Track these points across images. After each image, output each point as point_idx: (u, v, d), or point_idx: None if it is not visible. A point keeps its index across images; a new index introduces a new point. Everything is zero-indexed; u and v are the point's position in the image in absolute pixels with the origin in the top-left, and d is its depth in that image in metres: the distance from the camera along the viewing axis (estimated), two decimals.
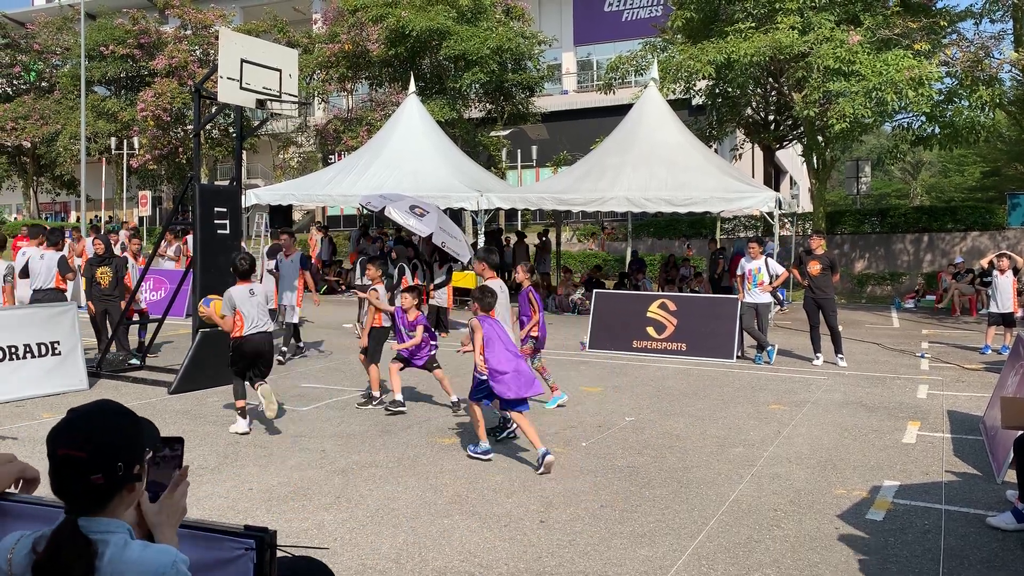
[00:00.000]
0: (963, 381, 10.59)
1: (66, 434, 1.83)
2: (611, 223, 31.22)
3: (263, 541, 2.26)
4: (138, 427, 1.92)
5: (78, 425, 1.84)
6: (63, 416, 1.91)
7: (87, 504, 1.82)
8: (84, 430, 1.83)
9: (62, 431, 1.84)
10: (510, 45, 25.85)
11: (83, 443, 1.81)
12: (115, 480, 1.82)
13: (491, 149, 29.87)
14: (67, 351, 9.52)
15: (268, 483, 6.13)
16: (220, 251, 10.09)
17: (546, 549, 4.92)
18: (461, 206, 18.31)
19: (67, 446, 1.81)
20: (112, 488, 1.82)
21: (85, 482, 1.80)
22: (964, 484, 6.28)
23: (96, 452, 1.81)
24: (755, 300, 11.98)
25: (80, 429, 1.83)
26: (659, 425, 8.10)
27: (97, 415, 1.87)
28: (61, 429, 1.85)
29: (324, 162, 31.77)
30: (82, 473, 1.80)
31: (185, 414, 8.41)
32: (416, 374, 10.83)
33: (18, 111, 36.35)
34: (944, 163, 53.35)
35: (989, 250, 21.65)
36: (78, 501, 1.82)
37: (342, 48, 28.33)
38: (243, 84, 9.92)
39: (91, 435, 1.82)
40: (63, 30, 38.69)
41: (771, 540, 5.09)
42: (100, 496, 1.82)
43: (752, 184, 17.74)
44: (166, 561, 1.79)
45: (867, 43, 17.93)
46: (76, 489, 1.81)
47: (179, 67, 33.60)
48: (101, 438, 1.82)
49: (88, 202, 34.27)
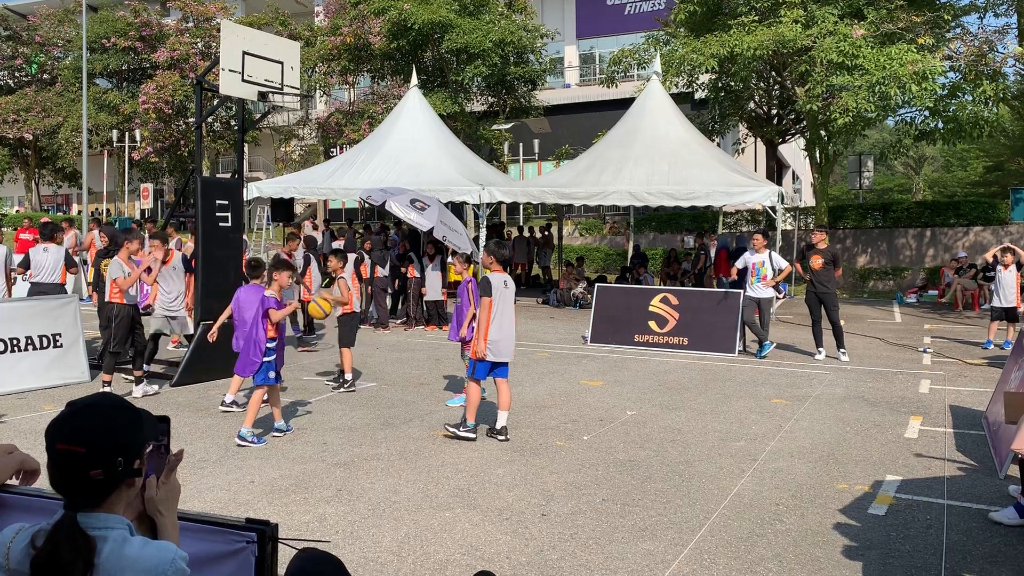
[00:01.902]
0: (965, 376, 10.58)
1: (65, 429, 1.80)
2: (613, 217, 31.19)
3: (264, 534, 2.25)
4: (138, 421, 1.89)
5: (77, 420, 1.81)
6: (63, 408, 1.89)
7: (86, 499, 1.80)
8: (83, 425, 1.80)
9: (60, 426, 1.81)
10: (512, 38, 25.78)
11: (82, 438, 1.78)
12: (115, 475, 1.80)
13: (493, 143, 29.82)
14: (69, 343, 9.53)
15: (270, 476, 6.13)
16: (222, 244, 10.08)
17: (548, 542, 4.92)
18: (463, 200, 18.28)
19: (66, 441, 1.79)
20: (111, 483, 1.80)
21: (84, 477, 1.77)
22: (966, 479, 6.27)
23: (95, 447, 1.78)
24: (757, 294, 11.95)
25: (79, 424, 1.80)
26: (661, 419, 8.09)
27: (96, 409, 1.83)
28: (59, 423, 1.81)
29: (326, 155, 31.71)
30: (81, 468, 1.77)
31: (187, 407, 8.41)
32: (416, 366, 10.83)
33: (20, 103, 36.34)
34: (947, 158, 53.26)
35: (992, 245, 21.61)
36: (76, 496, 1.79)
37: (344, 41, 28.27)
38: (245, 77, 9.89)
39: (90, 430, 1.79)
40: (65, 22, 38.64)
41: (773, 534, 5.09)
42: (99, 491, 1.80)
43: (754, 178, 17.69)
44: (166, 558, 1.78)
45: (870, 37, 17.86)
46: (74, 484, 1.79)
47: (181, 59, 33.53)
48: (100, 433, 1.79)
49: (90, 195, 34.27)
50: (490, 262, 7.45)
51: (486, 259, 7.48)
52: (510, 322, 7.36)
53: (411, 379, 9.99)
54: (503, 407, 7.32)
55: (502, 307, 7.27)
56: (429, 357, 11.60)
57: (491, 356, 7.20)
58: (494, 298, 7.21)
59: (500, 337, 7.22)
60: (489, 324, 7.18)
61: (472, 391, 7.29)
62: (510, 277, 7.58)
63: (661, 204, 17.15)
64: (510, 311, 7.39)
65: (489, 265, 7.45)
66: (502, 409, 7.32)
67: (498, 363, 7.28)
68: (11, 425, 7.59)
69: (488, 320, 7.18)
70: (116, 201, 40.97)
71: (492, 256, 7.46)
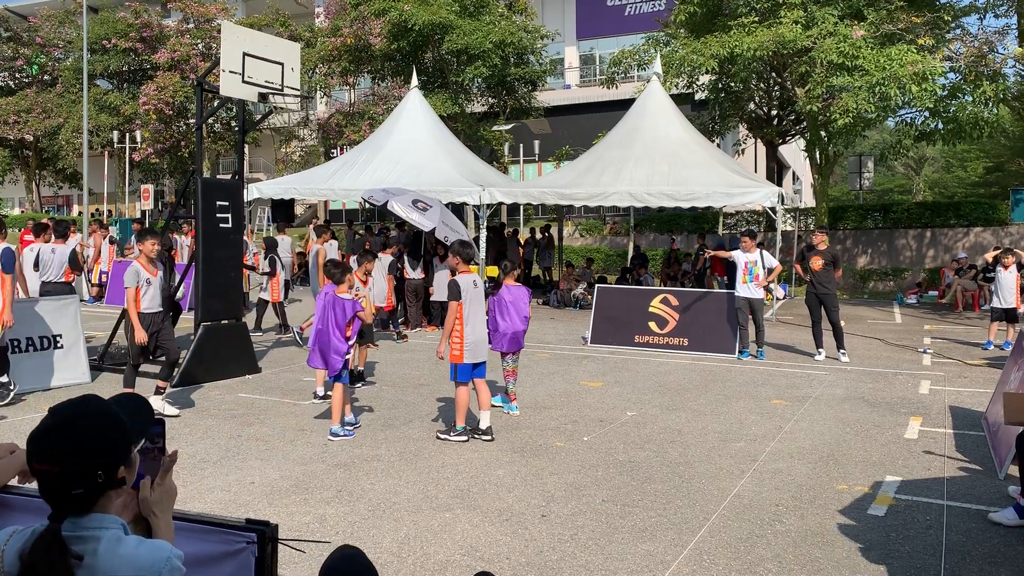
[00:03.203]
0: (965, 377, 10.58)
1: (39, 448, 1.76)
2: (613, 218, 31.19)
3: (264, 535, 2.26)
4: (121, 429, 1.83)
5: (50, 439, 1.76)
6: (44, 416, 1.84)
7: (71, 509, 1.78)
8: (56, 444, 1.75)
9: (36, 443, 1.76)
10: (513, 39, 25.79)
11: (56, 457, 1.74)
12: (95, 487, 1.77)
13: (493, 143, 29.84)
14: (69, 344, 9.54)
15: (270, 476, 6.14)
16: (222, 245, 10.09)
17: (548, 543, 4.92)
18: (463, 200, 18.28)
19: (39, 461, 1.75)
20: (94, 494, 1.78)
21: (64, 492, 1.75)
22: (966, 480, 6.27)
23: (71, 465, 1.74)
24: (748, 294, 11.91)
25: (52, 443, 1.75)
26: (661, 420, 8.10)
27: (70, 425, 1.77)
28: (35, 440, 1.77)
29: (326, 156, 31.74)
30: (59, 485, 1.75)
31: (187, 408, 8.42)
32: (417, 366, 10.84)
33: (20, 104, 36.38)
34: (947, 158, 53.26)
35: (992, 246, 21.61)
36: (60, 507, 1.77)
37: (344, 42, 28.30)
38: (245, 78, 9.90)
39: (64, 449, 1.74)
40: (65, 23, 38.68)
41: (773, 535, 5.09)
42: (83, 501, 1.77)
43: (754, 179, 17.70)
44: (160, 557, 1.77)
45: (870, 38, 17.87)
46: (56, 498, 1.76)
47: (181, 60, 33.56)
48: (75, 451, 1.74)
49: (90, 196, 34.28)
50: (456, 263, 7.36)
51: (452, 261, 7.40)
52: (482, 322, 7.39)
53: (411, 380, 9.99)
54: (484, 407, 7.39)
55: (474, 308, 7.28)
56: (429, 358, 11.60)
57: (469, 358, 7.23)
58: (463, 300, 7.20)
59: (476, 339, 7.28)
60: (463, 327, 7.19)
61: (461, 394, 7.29)
62: (479, 276, 7.54)
63: (661, 205, 17.16)
64: (481, 311, 7.38)
65: (455, 267, 7.37)
66: (483, 409, 7.38)
67: (477, 363, 7.33)
68: (11, 425, 7.60)
69: (460, 323, 7.18)
70: (117, 202, 40.98)
71: (458, 257, 7.36)
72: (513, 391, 8.41)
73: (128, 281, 7.86)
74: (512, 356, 8.37)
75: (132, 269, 7.93)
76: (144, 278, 7.90)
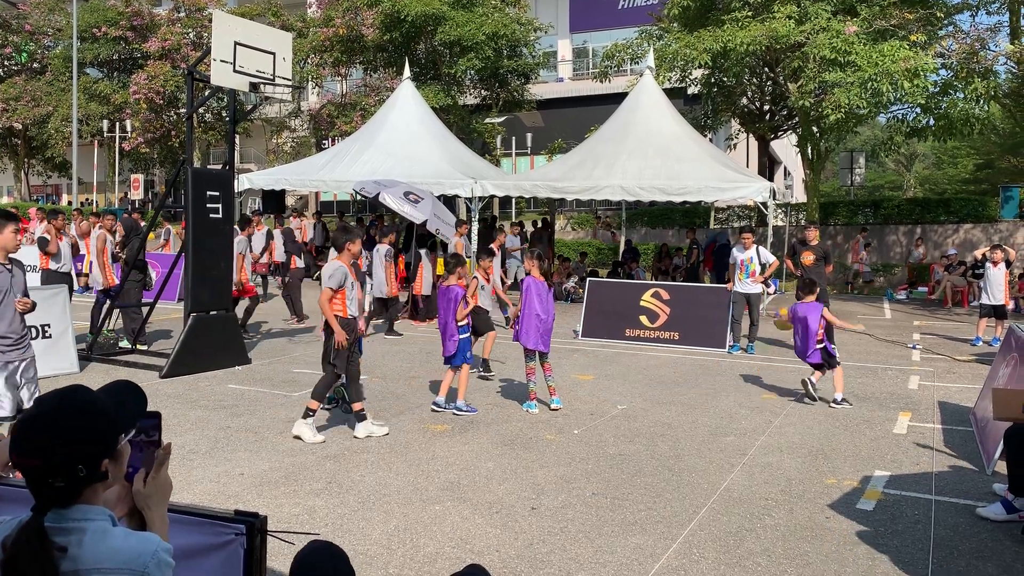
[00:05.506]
0: (954, 372, 10.64)
1: (19, 440, 1.74)
2: (605, 212, 31.19)
3: (253, 526, 2.25)
4: (107, 421, 1.81)
5: (31, 431, 1.74)
6: (30, 407, 1.81)
7: (54, 502, 1.77)
8: (36, 437, 1.73)
9: (18, 435, 1.75)
10: (506, 31, 25.72)
11: (36, 451, 1.72)
12: (77, 481, 1.75)
13: (486, 136, 29.78)
14: (57, 334, 9.48)
15: (259, 468, 6.12)
16: (212, 235, 10.05)
17: (537, 536, 4.92)
18: (455, 193, 18.24)
19: (19, 454, 1.74)
20: (76, 487, 1.76)
21: (46, 485, 1.74)
22: (954, 475, 6.31)
23: (52, 460, 1.72)
24: (746, 290, 11.97)
25: (32, 436, 1.73)
26: (651, 413, 8.11)
27: (52, 419, 1.74)
28: (17, 432, 1.75)
29: (318, 147, 31.60)
30: (40, 478, 1.73)
31: (176, 398, 8.38)
32: (407, 359, 10.83)
33: (9, 92, 36.03)
34: (938, 155, 53.41)
35: (982, 242, 21.71)
36: (44, 498, 1.75)
37: (336, 32, 28.14)
38: (236, 67, 9.83)
39: (44, 443, 1.72)
40: (55, 11, 38.31)
41: (762, 529, 5.11)
42: (65, 494, 1.75)
43: (746, 174, 17.71)
44: (147, 549, 1.76)
45: (863, 34, 17.90)
46: (39, 490, 1.75)
47: (172, 50, 33.32)
48: (55, 445, 1.72)
49: (80, 185, 34.09)
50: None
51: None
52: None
53: (401, 372, 9.98)
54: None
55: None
56: (420, 350, 11.59)
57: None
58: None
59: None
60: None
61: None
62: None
63: (653, 199, 17.16)
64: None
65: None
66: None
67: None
68: None
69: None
70: (106, 191, 40.74)
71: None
72: (533, 389, 8.25)
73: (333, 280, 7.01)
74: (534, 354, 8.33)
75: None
76: None
